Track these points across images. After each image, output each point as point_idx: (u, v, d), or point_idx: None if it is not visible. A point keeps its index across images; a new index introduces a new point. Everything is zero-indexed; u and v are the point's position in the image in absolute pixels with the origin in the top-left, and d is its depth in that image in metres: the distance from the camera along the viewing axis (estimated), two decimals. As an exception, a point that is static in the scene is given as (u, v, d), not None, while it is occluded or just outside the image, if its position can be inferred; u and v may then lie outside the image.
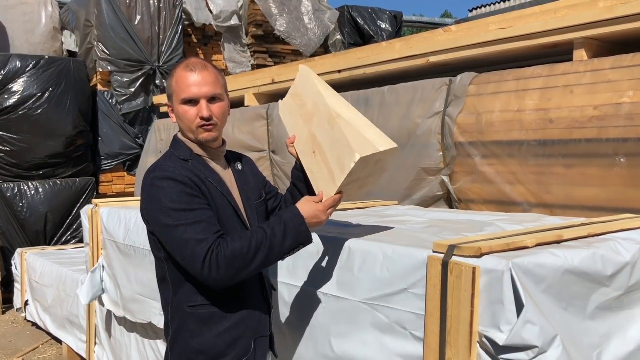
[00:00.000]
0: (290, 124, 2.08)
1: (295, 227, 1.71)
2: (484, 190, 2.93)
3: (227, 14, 8.37)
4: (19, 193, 6.84)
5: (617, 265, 1.68)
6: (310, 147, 1.91)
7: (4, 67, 6.75)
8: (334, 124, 1.81)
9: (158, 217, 1.71)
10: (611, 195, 2.46)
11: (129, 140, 7.57)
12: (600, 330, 1.64)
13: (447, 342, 1.55)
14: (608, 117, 2.44)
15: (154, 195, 1.71)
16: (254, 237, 1.67)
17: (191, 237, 1.65)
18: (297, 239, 1.72)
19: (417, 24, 13.20)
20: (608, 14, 2.72)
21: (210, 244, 1.64)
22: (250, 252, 1.65)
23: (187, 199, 1.68)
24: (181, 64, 1.81)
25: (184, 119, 1.78)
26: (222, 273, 1.64)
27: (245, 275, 1.69)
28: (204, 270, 1.64)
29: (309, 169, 1.91)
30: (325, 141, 1.84)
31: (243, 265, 1.66)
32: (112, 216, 3.39)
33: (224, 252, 1.64)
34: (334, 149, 1.79)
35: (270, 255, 1.69)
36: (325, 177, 1.82)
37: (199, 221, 1.67)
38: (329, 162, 1.81)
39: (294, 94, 2.10)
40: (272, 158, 4.27)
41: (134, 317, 3.25)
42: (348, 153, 1.73)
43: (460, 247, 1.56)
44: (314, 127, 1.91)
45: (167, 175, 1.71)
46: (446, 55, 3.48)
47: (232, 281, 1.68)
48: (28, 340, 5.51)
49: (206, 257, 1.63)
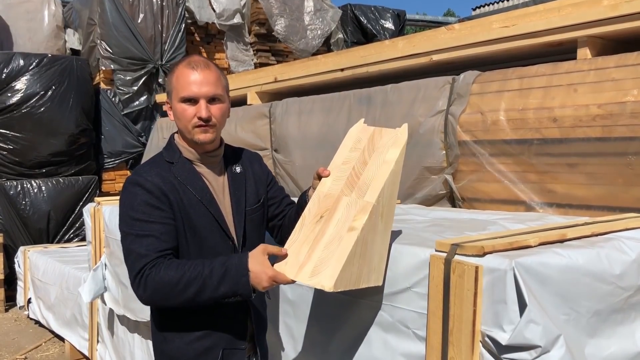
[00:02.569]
0: (340, 157, 1.77)
1: (235, 278, 1.60)
2: (487, 189, 2.92)
3: (230, 12, 8.37)
4: (22, 191, 6.85)
5: (624, 264, 1.67)
6: (325, 208, 1.68)
7: (7, 66, 6.75)
8: (353, 230, 1.59)
9: (120, 221, 1.74)
10: (615, 195, 2.45)
11: (131, 138, 7.57)
12: (609, 331, 1.63)
13: (449, 342, 1.54)
14: (612, 116, 2.43)
15: (122, 199, 1.74)
16: (189, 272, 1.61)
17: (134, 250, 1.66)
18: (234, 289, 1.61)
19: (420, 22, 13.19)
20: (612, 12, 2.71)
21: (147, 262, 1.63)
22: (179, 285, 1.61)
23: (147, 209, 1.67)
24: (183, 61, 1.77)
25: (181, 118, 1.74)
26: (147, 295, 1.64)
27: (175, 305, 1.66)
28: (134, 286, 1.66)
29: (303, 221, 1.69)
30: (334, 229, 1.62)
31: (171, 295, 1.62)
32: (114, 215, 3.39)
33: (154, 275, 1.62)
34: (330, 249, 1.59)
35: (202, 295, 1.61)
36: (300, 257, 1.61)
37: (148, 235, 1.65)
38: (315, 251, 1.60)
39: (372, 141, 1.76)
40: (274, 157, 4.27)
41: (135, 315, 3.25)
42: (329, 275, 1.54)
43: (463, 246, 1.55)
44: (345, 199, 1.66)
45: (137, 180, 1.71)
46: (449, 53, 3.46)
47: (158, 305, 1.69)
48: (31, 338, 5.52)
49: (138, 274, 1.64)
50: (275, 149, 4.29)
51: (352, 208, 1.64)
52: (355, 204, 1.64)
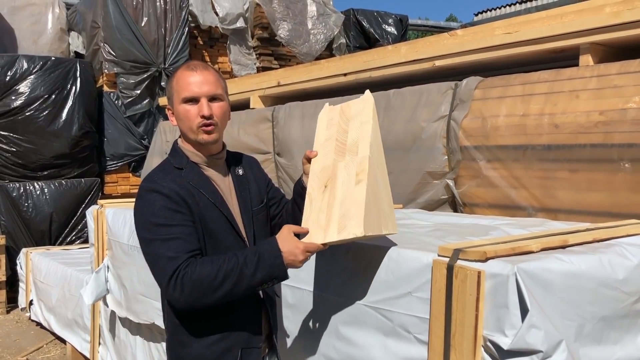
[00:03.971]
0: (321, 137, 1.91)
1: (269, 261, 1.64)
2: (489, 194, 2.93)
3: (233, 16, 8.40)
4: (24, 193, 6.87)
5: (627, 269, 1.68)
6: (326, 178, 1.79)
7: (12, 68, 6.78)
8: (360, 181, 1.70)
9: (139, 229, 1.72)
10: (616, 201, 2.46)
11: (134, 141, 7.59)
12: (615, 337, 1.64)
13: (451, 346, 1.55)
14: (614, 123, 2.44)
15: (139, 207, 1.72)
16: (225, 265, 1.62)
17: (163, 254, 1.64)
18: (271, 273, 1.65)
19: (422, 27, 13.20)
20: (615, 19, 2.72)
21: (180, 264, 1.62)
22: (217, 279, 1.61)
23: (168, 214, 1.67)
24: (182, 66, 1.81)
25: (184, 119, 1.76)
26: (185, 295, 1.62)
27: (211, 302, 1.65)
28: (169, 289, 1.63)
29: (311, 197, 1.79)
30: (342, 189, 1.73)
31: (208, 291, 1.62)
32: (117, 217, 3.41)
33: (190, 274, 1.61)
34: (346, 205, 1.69)
35: (239, 286, 1.64)
36: (321, 223, 1.71)
37: (174, 238, 1.65)
38: (332, 213, 1.70)
39: (343, 114, 1.92)
40: (277, 160, 4.28)
41: (138, 317, 3.25)
42: (356, 222, 1.64)
43: (466, 251, 1.56)
44: (341, 164, 1.78)
45: (154, 187, 1.70)
46: (452, 59, 3.48)
47: (195, 305, 1.65)
48: (32, 339, 5.52)
49: (172, 276, 1.62)
50: (277, 153, 4.30)
51: (350, 167, 1.75)
52: (352, 163, 1.75)
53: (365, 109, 1.86)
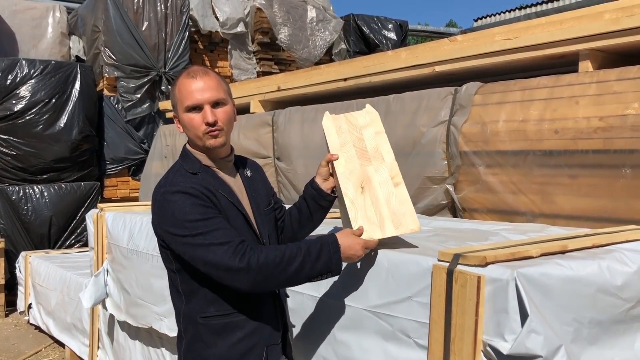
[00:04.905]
0: (335, 143, 2.06)
1: (329, 253, 1.70)
2: (488, 199, 2.94)
3: (234, 21, 8.42)
4: (24, 196, 6.87)
5: (625, 275, 1.69)
6: (359, 181, 1.95)
7: (12, 72, 6.79)
8: (398, 184, 1.94)
9: (173, 230, 1.69)
10: (616, 207, 2.46)
11: (134, 145, 7.60)
12: (611, 342, 1.64)
13: (451, 351, 1.55)
14: (613, 129, 2.45)
15: (167, 209, 1.70)
16: (289, 251, 1.67)
17: (213, 242, 1.64)
18: (329, 265, 1.70)
19: (422, 33, 13.24)
20: (614, 26, 2.73)
21: (236, 245, 1.64)
22: (282, 263, 1.64)
23: (201, 210, 1.67)
24: (183, 73, 1.80)
25: (190, 127, 1.77)
26: (252, 275, 1.63)
27: (274, 285, 1.70)
28: (232, 271, 1.62)
29: (349, 197, 1.92)
30: (383, 191, 1.92)
31: (274, 274, 1.64)
32: (117, 221, 3.41)
33: (257, 256, 1.63)
34: (394, 204, 1.90)
35: (302, 272, 1.68)
36: (373, 220, 1.87)
37: (217, 228, 1.66)
38: (382, 211, 1.88)
39: (351, 123, 2.10)
40: (276, 165, 4.28)
41: (136, 321, 3.25)
42: (410, 220, 1.86)
43: (466, 256, 1.56)
44: (370, 168, 1.98)
45: (178, 189, 1.69)
46: (452, 65, 3.49)
47: (259, 286, 1.66)
48: (31, 343, 5.52)
49: (236, 258, 1.62)
50: (277, 157, 4.30)
51: (381, 171, 1.97)
52: (381, 167, 1.98)
53: (375, 121, 2.09)
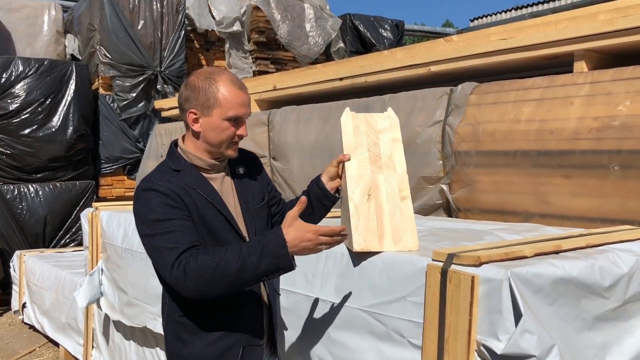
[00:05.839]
0: (350, 143, 2.01)
1: (274, 251, 1.62)
2: (483, 199, 2.94)
3: (230, 20, 8.41)
4: (19, 195, 6.84)
5: (615, 276, 1.69)
6: (367, 187, 1.92)
7: (7, 71, 6.77)
8: (405, 199, 1.93)
9: (139, 227, 1.75)
10: (610, 207, 2.47)
11: (129, 144, 7.58)
12: (597, 341, 1.65)
13: (445, 351, 1.55)
14: (607, 129, 2.46)
15: (137, 206, 1.75)
16: (227, 254, 1.62)
17: (162, 246, 1.66)
18: (276, 263, 1.62)
19: (418, 33, 13.25)
20: (608, 26, 2.74)
21: (180, 253, 1.64)
22: (218, 268, 1.61)
23: (165, 210, 1.70)
24: (225, 77, 1.77)
25: (221, 135, 1.77)
26: (189, 284, 1.63)
27: (218, 291, 1.65)
28: (172, 279, 1.65)
29: (354, 202, 1.89)
30: (389, 202, 1.91)
31: (211, 281, 1.62)
32: (112, 220, 3.40)
33: (191, 263, 1.62)
34: (396, 218, 1.88)
35: (243, 276, 1.62)
36: (373, 230, 1.86)
37: (173, 231, 1.67)
38: (384, 223, 1.87)
39: (370, 125, 2.05)
40: (272, 164, 4.28)
41: (130, 321, 3.25)
42: (410, 238, 1.86)
43: (460, 256, 1.57)
44: (380, 176, 1.95)
45: (150, 186, 1.73)
46: (448, 65, 3.50)
47: (201, 295, 1.65)
48: (25, 343, 5.50)
49: (174, 266, 1.63)
50: (273, 157, 4.30)
51: (391, 181, 1.94)
52: (391, 177, 1.95)
53: (394, 127, 2.06)
